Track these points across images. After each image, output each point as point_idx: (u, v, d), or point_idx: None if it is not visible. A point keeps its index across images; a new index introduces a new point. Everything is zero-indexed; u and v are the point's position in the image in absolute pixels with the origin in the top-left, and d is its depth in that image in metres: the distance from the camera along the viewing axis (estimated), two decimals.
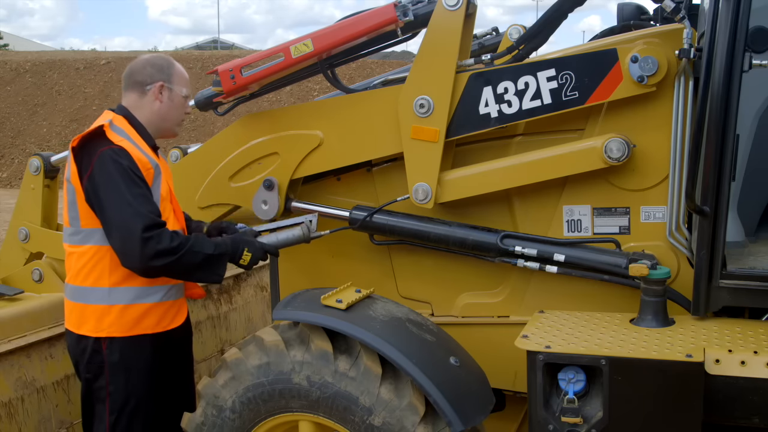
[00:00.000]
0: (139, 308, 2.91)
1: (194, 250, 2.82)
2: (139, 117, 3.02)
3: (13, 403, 3.20)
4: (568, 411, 2.63)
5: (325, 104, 3.46)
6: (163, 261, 2.75)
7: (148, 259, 2.73)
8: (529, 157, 3.11)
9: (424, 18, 3.16)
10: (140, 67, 3.04)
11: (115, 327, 2.89)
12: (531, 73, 3.03)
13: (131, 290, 2.90)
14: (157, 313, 2.95)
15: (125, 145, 2.83)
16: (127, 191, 2.75)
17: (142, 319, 2.92)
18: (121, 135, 2.87)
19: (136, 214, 2.72)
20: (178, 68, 3.10)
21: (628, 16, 3.80)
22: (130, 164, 2.79)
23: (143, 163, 2.85)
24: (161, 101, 3.02)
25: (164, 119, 3.06)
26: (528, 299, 3.24)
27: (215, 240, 2.97)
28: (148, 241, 2.71)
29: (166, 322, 3.00)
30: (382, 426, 2.69)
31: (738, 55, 2.63)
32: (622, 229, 3.10)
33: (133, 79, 3.03)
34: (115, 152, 2.78)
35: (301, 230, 3.17)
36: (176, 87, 3.05)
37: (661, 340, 2.68)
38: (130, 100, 3.03)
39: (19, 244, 3.78)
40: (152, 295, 2.94)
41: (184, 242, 2.80)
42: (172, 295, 3.01)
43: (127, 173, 2.77)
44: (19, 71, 24.18)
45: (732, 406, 2.58)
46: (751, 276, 2.78)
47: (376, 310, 2.95)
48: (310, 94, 19.84)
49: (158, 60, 3.07)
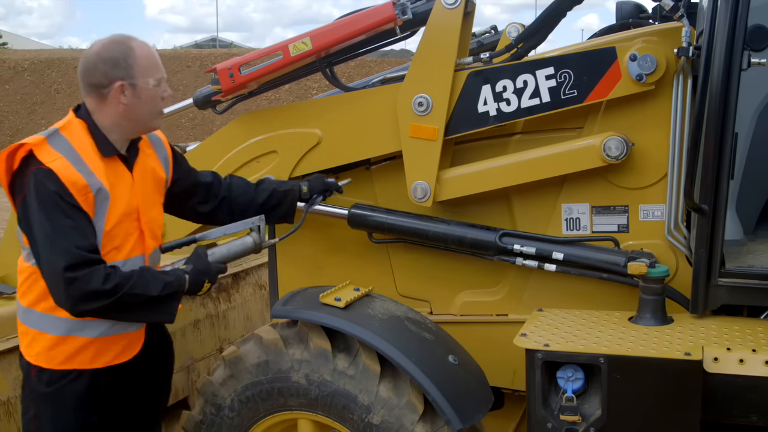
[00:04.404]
0: (72, 342, 2.51)
1: (134, 292, 2.40)
2: (101, 122, 2.53)
3: (11, 402, 3.20)
4: (567, 409, 2.63)
5: (324, 102, 3.46)
6: (94, 304, 2.36)
7: (75, 301, 2.35)
8: (528, 155, 3.11)
9: (422, 16, 3.15)
10: (92, 66, 2.51)
11: (44, 357, 2.52)
12: (530, 71, 3.03)
13: (64, 321, 2.48)
14: (94, 348, 2.54)
15: (56, 165, 2.37)
16: (49, 222, 2.35)
17: (76, 354, 2.52)
18: (58, 149, 2.42)
19: (59, 251, 2.33)
20: (139, 53, 2.53)
21: (627, 14, 3.81)
22: (58, 189, 2.35)
23: (79, 187, 2.38)
24: (125, 103, 2.51)
25: (133, 119, 2.56)
26: (527, 297, 3.24)
27: (168, 274, 2.54)
28: (73, 282, 2.32)
29: (108, 357, 2.58)
30: (380, 424, 2.69)
31: (737, 54, 2.63)
32: (620, 227, 3.10)
33: (87, 81, 2.53)
34: (43, 173, 2.36)
35: (252, 239, 2.87)
36: (140, 80, 2.52)
37: (660, 338, 2.68)
38: (90, 104, 2.55)
39: (17, 242, 3.76)
40: (90, 329, 2.52)
41: (121, 283, 2.37)
42: (119, 329, 2.58)
43: (52, 200, 2.35)
44: (18, 69, 24.15)
45: (730, 405, 2.58)
46: (750, 274, 2.79)
47: (375, 308, 2.95)
48: (309, 92, 19.83)
49: (112, 51, 2.50)
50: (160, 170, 2.77)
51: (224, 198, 3.02)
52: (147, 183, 2.68)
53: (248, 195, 3.06)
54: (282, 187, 3.13)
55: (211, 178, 3.03)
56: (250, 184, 3.12)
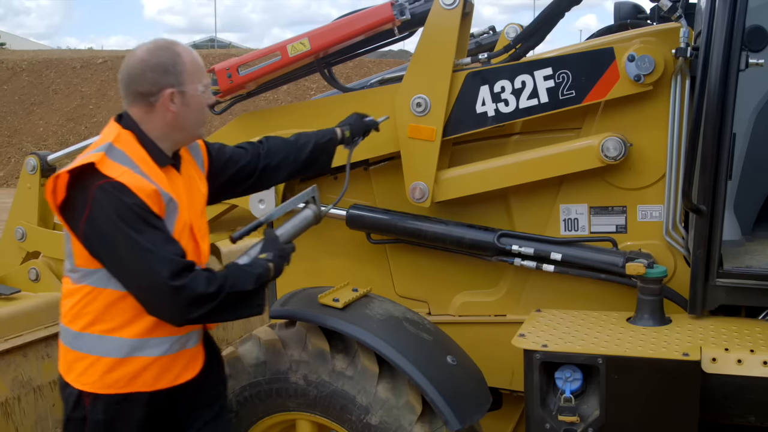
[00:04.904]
0: (134, 363, 2.37)
1: (234, 290, 2.32)
2: (148, 132, 2.40)
3: (9, 403, 3.20)
4: (565, 410, 2.63)
5: (322, 103, 3.46)
6: (201, 310, 2.26)
7: (183, 310, 2.25)
8: (526, 156, 3.11)
9: (421, 17, 3.16)
10: (138, 73, 2.38)
11: (101, 383, 2.37)
12: (528, 72, 3.03)
13: (125, 342, 2.35)
14: (157, 368, 2.40)
15: (126, 178, 2.26)
16: (139, 236, 2.22)
17: (138, 376, 2.38)
18: (122, 162, 2.30)
19: (159, 261, 2.22)
20: (186, 58, 2.42)
21: (625, 15, 3.81)
22: (136, 201, 2.24)
23: (154, 198, 2.29)
24: (174, 111, 2.38)
25: (181, 128, 2.44)
26: (525, 298, 3.24)
27: (254, 266, 2.44)
28: (180, 291, 2.22)
29: (170, 377, 2.44)
30: (379, 425, 2.69)
31: (735, 54, 2.63)
32: (618, 227, 3.10)
33: (133, 90, 2.40)
34: (114, 188, 2.23)
35: (311, 211, 2.79)
36: (189, 87, 2.40)
37: (658, 338, 2.68)
38: (136, 113, 2.41)
39: (16, 243, 3.78)
40: (152, 347, 2.39)
41: (222, 283, 2.29)
42: (181, 345, 2.45)
43: (133, 213, 2.23)
44: (16, 70, 24.14)
45: (728, 405, 2.59)
46: (748, 275, 2.79)
47: (373, 309, 2.95)
48: (307, 93, 19.82)
49: (159, 58, 2.38)
50: (200, 176, 2.66)
51: (265, 167, 2.89)
52: (193, 191, 2.57)
53: (290, 156, 2.93)
54: (322, 138, 2.99)
55: (248, 157, 2.87)
56: (288, 142, 2.96)
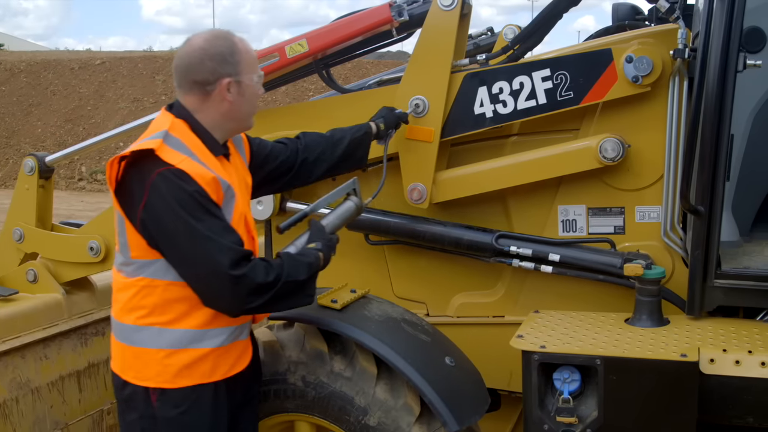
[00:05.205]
0: (194, 354, 2.36)
1: (289, 280, 2.30)
2: (202, 121, 2.39)
3: (7, 404, 3.19)
4: (563, 411, 2.63)
5: (321, 104, 3.46)
6: (259, 300, 2.26)
7: (242, 299, 2.24)
8: (524, 157, 3.11)
9: (419, 18, 3.16)
10: (197, 62, 2.35)
11: (166, 378, 2.36)
12: (526, 73, 3.03)
13: (187, 333, 2.35)
14: (215, 358, 2.40)
15: (186, 165, 2.24)
16: (199, 224, 2.20)
17: (199, 367, 2.37)
18: (180, 150, 2.28)
19: (219, 250, 2.20)
20: (242, 48, 2.41)
21: (623, 16, 3.81)
22: (196, 188, 2.22)
23: (213, 186, 2.27)
24: (230, 100, 2.39)
25: (235, 118, 2.45)
26: (523, 299, 3.24)
27: (306, 256, 2.42)
28: (240, 280, 2.21)
29: (225, 368, 2.44)
30: (377, 426, 2.69)
31: (732, 56, 2.63)
32: (617, 228, 3.10)
33: (191, 78, 2.37)
34: (175, 175, 2.21)
35: (353, 203, 2.73)
36: (245, 77, 2.40)
37: (656, 339, 2.68)
38: (190, 102, 2.39)
39: (14, 244, 3.77)
40: (215, 337, 2.39)
41: (279, 272, 2.28)
42: (236, 336, 2.46)
43: (193, 201, 2.21)
44: (14, 71, 24.12)
45: (726, 406, 2.59)
46: (746, 275, 2.79)
47: (372, 310, 2.95)
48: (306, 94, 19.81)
49: (218, 47, 2.36)
50: (245, 169, 2.67)
51: (303, 162, 2.88)
52: (242, 182, 2.57)
53: (326, 151, 2.92)
54: (357, 133, 2.98)
55: (288, 152, 2.86)
56: (324, 137, 2.95)
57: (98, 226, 3.52)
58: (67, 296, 3.60)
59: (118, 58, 24.31)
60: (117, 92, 22.29)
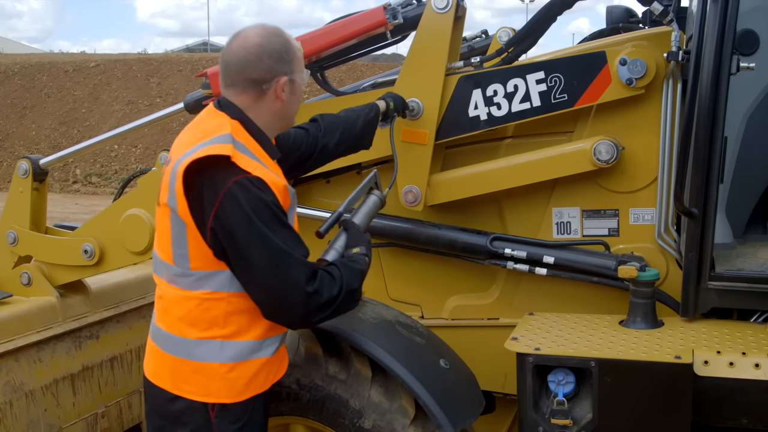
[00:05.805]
0: (253, 366, 2.30)
1: (348, 290, 2.26)
2: (255, 121, 2.31)
3: (1, 408, 3.18)
4: (558, 413, 2.63)
5: (315, 107, 3.45)
6: (324, 313, 2.22)
7: (312, 315, 2.20)
8: (519, 159, 3.12)
9: (413, 21, 3.16)
10: (254, 60, 2.25)
11: (226, 391, 2.27)
12: (520, 75, 3.03)
13: (247, 345, 2.28)
14: (268, 367, 2.36)
15: (261, 173, 2.15)
16: (275, 235, 2.13)
17: (256, 378, 2.32)
18: (249, 156, 2.19)
19: (297, 265, 2.15)
20: (294, 46, 2.35)
21: (617, 18, 3.82)
22: (273, 198, 2.15)
23: (285, 195, 2.21)
24: (283, 99, 2.32)
25: (284, 117, 2.38)
26: (517, 301, 3.24)
27: (357, 262, 2.35)
28: (313, 296, 2.16)
29: (272, 376, 2.41)
30: (372, 429, 2.69)
31: (726, 58, 2.64)
32: (611, 231, 3.11)
33: (247, 76, 2.27)
34: (253, 184, 2.12)
35: (376, 196, 2.70)
36: (298, 75, 2.34)
37: (650, 341, 2.69)
38: (244, 101, 2.30)
39: (8, 247, 3.76)
40: (269, 347, 2.34)
41: (341, 285, 2.23)
42: (281, 342, 2.43)
43: (269, 211, 2.13)
44: (8, 74, 24.07)
45: (720, 407, 2.59)
46: (740, 277, 2.80)
47: (366, 312, 2.94)
48: None
49: (275, 44, 2.28)
50: None
51: (324, 146, 2.82)
52: None
53: (345, 132, 2.86)
54: (370, 113, 2.92)
55: (309, 139, 2.79)
56: (341, 118, 2.88)
57: (92, 228, 3.51)
58: (62, 299, 3.58)
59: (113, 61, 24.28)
60: (111, 95, 22.26)
